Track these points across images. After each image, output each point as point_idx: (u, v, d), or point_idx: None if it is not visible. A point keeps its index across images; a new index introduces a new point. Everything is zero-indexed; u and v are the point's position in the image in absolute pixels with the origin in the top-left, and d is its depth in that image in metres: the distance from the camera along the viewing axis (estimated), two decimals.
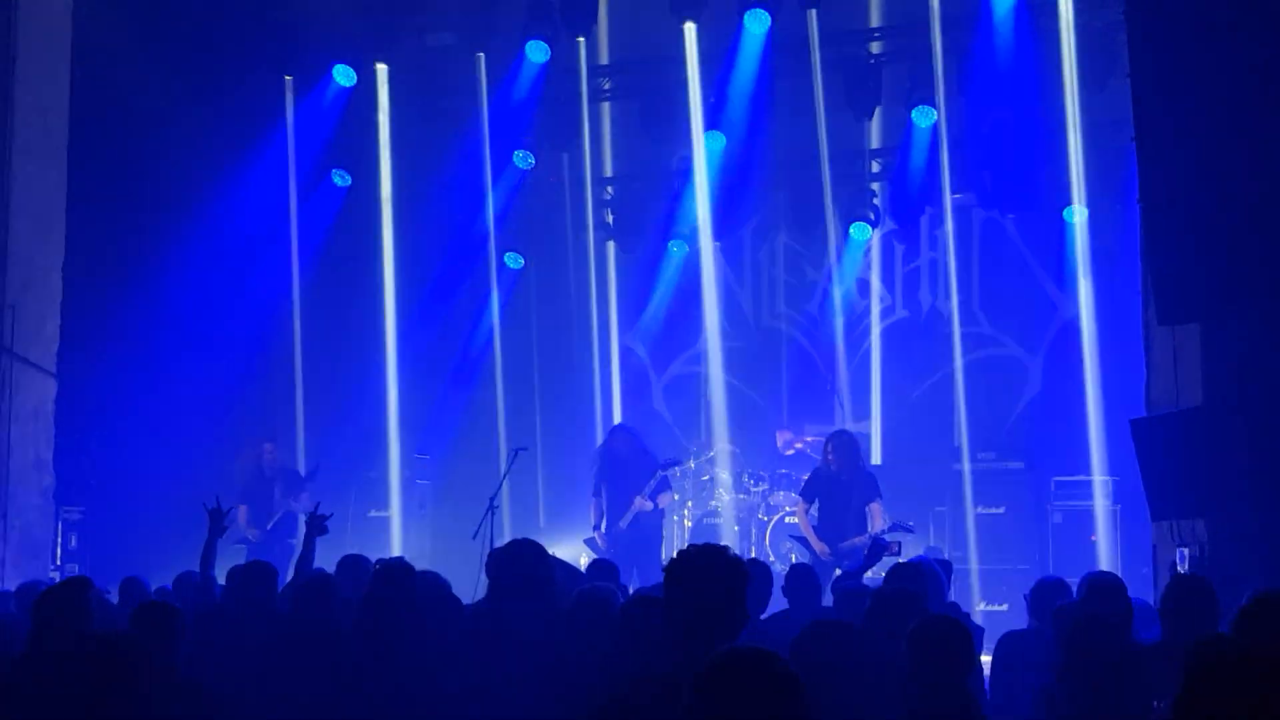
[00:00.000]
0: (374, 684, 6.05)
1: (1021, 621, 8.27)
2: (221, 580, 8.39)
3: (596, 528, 14.03)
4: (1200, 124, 8.79)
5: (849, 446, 13.10)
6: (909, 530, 12.83)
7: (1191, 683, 2.56)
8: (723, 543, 4.45)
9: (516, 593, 6.16)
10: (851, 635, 5.52)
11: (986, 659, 6.74)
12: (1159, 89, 9.13)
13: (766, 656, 3.22)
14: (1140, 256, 10.70)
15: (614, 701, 4.14)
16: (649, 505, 13.88)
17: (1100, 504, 14.79)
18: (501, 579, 6.63)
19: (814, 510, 13.22)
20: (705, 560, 4.18)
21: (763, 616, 7.56)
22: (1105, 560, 14.19)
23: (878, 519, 12.67)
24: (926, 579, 7.52)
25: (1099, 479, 15.01)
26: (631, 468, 14.03)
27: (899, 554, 10.30)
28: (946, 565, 8.21)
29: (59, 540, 12.84)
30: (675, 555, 4.33)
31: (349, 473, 16.66)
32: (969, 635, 5.00)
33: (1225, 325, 9.35)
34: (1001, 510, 15.09)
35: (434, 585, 7.14)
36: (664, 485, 14.22)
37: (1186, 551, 9.04)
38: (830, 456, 13.05)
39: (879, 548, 9.86)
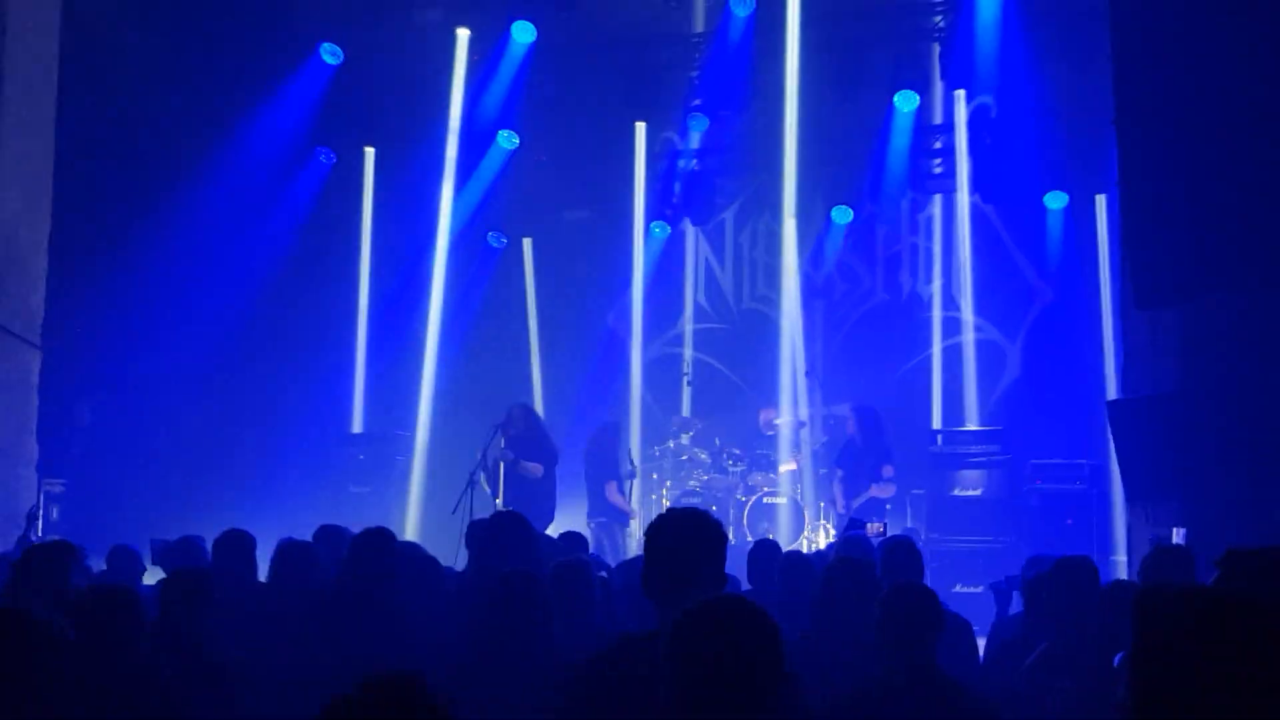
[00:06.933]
0: (357, 647, 6.09)
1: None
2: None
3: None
4: (1181, 108, 8.85)
5: (865, 417, 14.90)
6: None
7: (1145, 631, 2.62)
8: None
9: (502, 563, 6.22)
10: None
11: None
12: (1140, 73, 9.20)
13: (744, 604, 3.28)
14: (1119, 242, 10.78)
15: (596, 662, 4.19)
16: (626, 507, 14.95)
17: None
18: (486, 550, 6.72)
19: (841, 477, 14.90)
20: (683, 522, 4.24)
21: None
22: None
23: (885, 473, 14.54)
24: (873, 551, 7.66)
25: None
26: (526, 444, 13.75)
27: (884, 534, 10.35)
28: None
29: (41, 512, 12.82)
30: (655, 519, 4.39)
31: (328, 447, 16.79)
32: (936, 600, 5.11)
33: (1203, 310, 9.43)
34: (979, 493, 15.15)
35: (417, 556, 7.23)
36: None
37: (1182, 531, 9.06)
38: (853, 429, 14.98)
39: (852, 528, 9.88)
